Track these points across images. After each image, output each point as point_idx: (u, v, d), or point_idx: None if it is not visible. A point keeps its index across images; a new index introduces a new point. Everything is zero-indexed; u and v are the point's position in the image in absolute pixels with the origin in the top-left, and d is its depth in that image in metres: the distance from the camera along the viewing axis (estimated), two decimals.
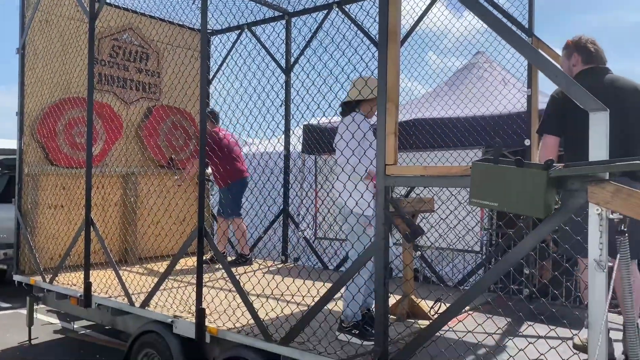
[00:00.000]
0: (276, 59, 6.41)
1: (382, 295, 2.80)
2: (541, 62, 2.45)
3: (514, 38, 2.51)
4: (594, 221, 2.17)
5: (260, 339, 3.33)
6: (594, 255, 2.16)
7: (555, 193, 2.27)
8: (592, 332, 2.17)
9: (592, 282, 2.17)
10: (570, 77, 2.43)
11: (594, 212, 2.17)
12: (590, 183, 2.16)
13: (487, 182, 2.32)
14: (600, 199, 2.13)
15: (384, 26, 2.82)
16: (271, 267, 6.00)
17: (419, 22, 5.49)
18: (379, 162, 2.84)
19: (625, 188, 2.09)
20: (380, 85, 2.84)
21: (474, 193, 2.36)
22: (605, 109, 2.18)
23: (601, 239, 2.16)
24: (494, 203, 2.31)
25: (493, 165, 2.30)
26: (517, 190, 2.23)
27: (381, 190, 2.83)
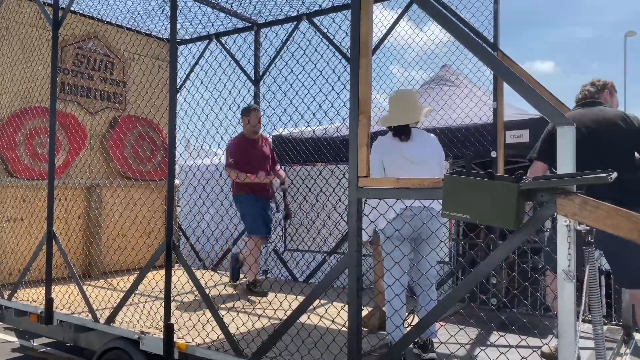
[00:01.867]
0: (245, 70, 6.38)
1: (355, 307, 2.79)
2: (509, 75, 2.50)
3: (483, 53, 2.56)
4: (563, 232, 2.22)
5: (231, 354, 3.26)
6: (562, 266, 2.21)
7: (526, 205, 2.32)
8: (562, 341, 2.20)
9: (561, 292, 2.20)
10: (535, 90, 2.48)
11: (563, 224, 2.22)
12: (559, 195, 2.21)
13: (460, 194, 2.35)
14: (569, 210, 2.18)
15: (356, 39, 2.83)
16: (241, 280, 5.91)
17: (387, 35, 5.56)
18: (352, 174, 2.84)
19: (592, 200, 2.14)
20: (353, 98, 2.85)
21: (446, 205, 2.39)
22: (571, 123, 2.24)
23: (569, 250, 2.20)
24: (466, 215, 2.34)
25: (465, 178, 2.33)
26: (489, 203, 2.26)
27: (353, 202, 2.83)
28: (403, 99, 3.66)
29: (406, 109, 3.60)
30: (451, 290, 2.66)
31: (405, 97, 3.67)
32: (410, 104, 3.63)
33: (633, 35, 26.71)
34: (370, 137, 2.89)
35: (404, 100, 3.65)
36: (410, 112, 3.60)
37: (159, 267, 3.87)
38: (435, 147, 3.71)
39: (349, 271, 2.83)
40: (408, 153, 3.53)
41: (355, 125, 2.85)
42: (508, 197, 2.21)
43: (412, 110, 3.60)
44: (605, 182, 2.08)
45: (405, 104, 3.62)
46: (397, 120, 3.61)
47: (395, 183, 2.81)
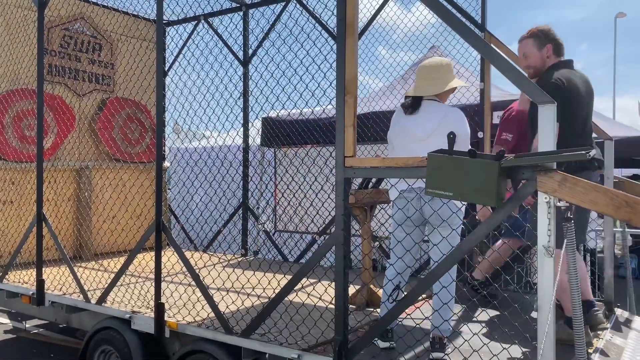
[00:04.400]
0: (234, 51, 6.35)
1: (342, 284, 2.85)
2: (493, 56, 2.54)
3: (467, 33, 2.59)
4: (543, 209, 2.27)
5: (221, 332, 3.33)
6: (542, 242, 2.27)
7: (506, 182, 2.37)
8: (541, 314, 2.27)
9: (541, 267, 2.27)
10: (521, 71, 2.52)
11: (543, 201, 2.27)
12: (539, 173, 2.27)
13: (443, 172, 2.39)
14: (549, 187, 2.24)
15: (342, 19, 2.84)
16: (231, 260, 5.97)
17: (376, 16, 5.56)
18: (338, 154, 2.88)
19: (571, 177, 2.20)
20: (339, 78, 2.87)
21: (429, 183, 2.43)
22: (553, 101, 2.28)
23: (549, 226, 2.26)
24: (448, 193, 2.38)
25: (448, 157, 2.38)
26: (471, 180, 2.31)
27: (340, 181, 2.87)
28: (425, 69, 3.39)
29: (423, 80, 3.35)
30: (435, 267, 2.72)
31: (427, 67, 3.39)
32: (431, 74, 3.34)
33: (623, 17, 26.75)
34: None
35: (426, 70, 3.38)
36: (425, 83, 3.34)
37: (149, 249, 3.91)
38: (442, 122, 3.25)
39: (335, 249, 2.88)
40: (410, 127, 3.33)
41: (341, 105, 2.88)
42: (489, 175, 2.26)
43: (429, 81, 3.33)
44: (584, 159, 2.14)
45: (426, 74, 3.36)
46: (410, 91, 3.46)
47: (381, 162, 2.86)
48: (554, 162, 2.25)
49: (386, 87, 6.42)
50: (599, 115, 9.59)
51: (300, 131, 6.18)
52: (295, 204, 6.42)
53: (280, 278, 3.32)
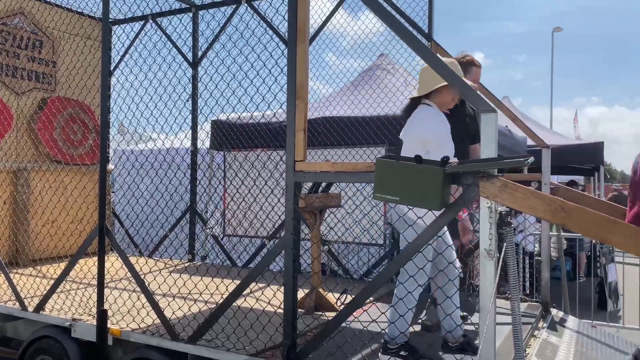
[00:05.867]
0: (183, 52, 6.25)
1: (291, 288, 2.85)
2: (439, 66, 2.62)
3: (414, 42, 2.66)
4: (485, 213, 2.36)
5: (167, 338, 3.25)
6: (484, 245, 2.36)
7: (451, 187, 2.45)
8: (483, 315, 2.36)
9: (483, 270, 2.36)
10: (465, 80, 2.62)
11: (485, 205, 2.36)
12: (481, 178, 2.36)
13: (390, 177, 2.45)
14: (490, 193, 2.33)
15: (293, 25, 2.87)
16: (178, 265, 5.85)
17: (327, 22, 5.62)
18: (288, 158, 2.89)
19: (511, 183, 2.30)
20: (290, 83, 2.89)
21: (377, 188, 2.48)
22: (495, 110, 2.38)
23: (491, 230, 2.35)
24: (395, 197, 2.44)
25: (395, 162, 2.43)
26: (416, 185, 2.38)
27: (290, 185, 2.89)
28: (421, 71, 3.33)
29: (418, 83, 3.31)
30: (381, 271, 2.78)
31: (421, 70, 3.35)
32: (421, 76, 3.28)
33: (560, 31, 28.16)
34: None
35: (420, 72, 3.33)
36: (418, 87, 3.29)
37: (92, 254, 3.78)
38: (414, 125, 3.22)
39: (285, 253, 2.89)
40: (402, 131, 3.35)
41: (292, 110, 2.90)
42: (434, 180, 2.33)
43: (419, 84, 3.28)
44: (522, 165, 2.24)
45: (419, 77, 3.31)
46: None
47: (331, 166, 2.89)
48: (495, 168, 2.35)
49: (336, 93, 6.50)
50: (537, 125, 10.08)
51: (250, 135, 6.15)
52: (244, 208, 6.37)
53: (229, 283, 3.29)
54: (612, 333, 4.38)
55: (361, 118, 5.74)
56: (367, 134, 5.58)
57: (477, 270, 3.73)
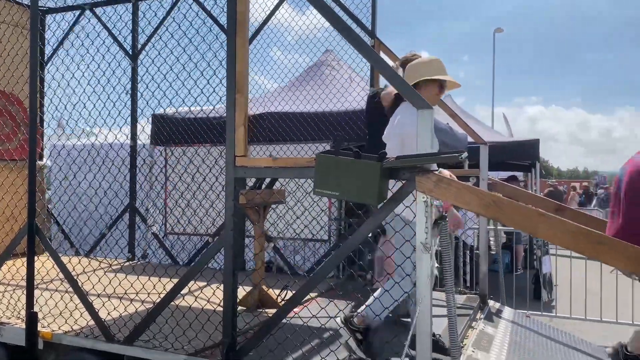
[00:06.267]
0: (122, 44, 6.03)
1: (231, 286, 2.80)
2: (378, 63, 2.64)
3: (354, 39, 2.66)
4: (421, 207, 2.40)
5: (102, 340, 3.14)
6: (420, 239, 2.39)
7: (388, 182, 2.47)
8: (419, 308, 2.40)
9: (419, 262, 2.39)
10: (405, 80, 2.64)
11: (421, 200, 2.40)
12: (418, 173, 2.39)
13: (329, 173, 2.44)
14: (426, 187, 2.37)
15: (232, 16, 2.81)
16: (116, 265, 5.65)
17: (271, 16, 5.57)
18: (228, 154, 2.84)
19: (446, 178, 2.35)
20: (229, 76, 2.83)
21: (317, 183, 2.47)
22: (430, 107, 2.42)
23: (427, 224, 2.39)
24: (335, 192, 2.44)
25: (334, 157, 2.43)
26: (355, 180, 2.38)
27: (230, 181, 2.83)
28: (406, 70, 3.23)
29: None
30: (320, 266, 2.77)
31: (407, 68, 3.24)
32: (407, 74, 3.19)
33: (501, 32, 29.17)
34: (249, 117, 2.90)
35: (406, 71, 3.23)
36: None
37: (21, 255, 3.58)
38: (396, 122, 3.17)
39: (224, 251, 2.84)
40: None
41: (232, 104, 2.84)
42: (371, 175, 2.34)
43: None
44: (456, 161, 2.29)
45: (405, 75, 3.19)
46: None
47: (272, 162, 2.86)
48: (431, 164, 2.40)
49: (281, 88, 6.45)
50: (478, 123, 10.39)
51: (192, 130, 6.01)
52: (186, 205, 6.23)
53: (167, 282, 3.19)
54: (545, 322, 4.58)
55: (306, 114, 5.73)
56: (313, 130, 5.58)
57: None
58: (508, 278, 6.52)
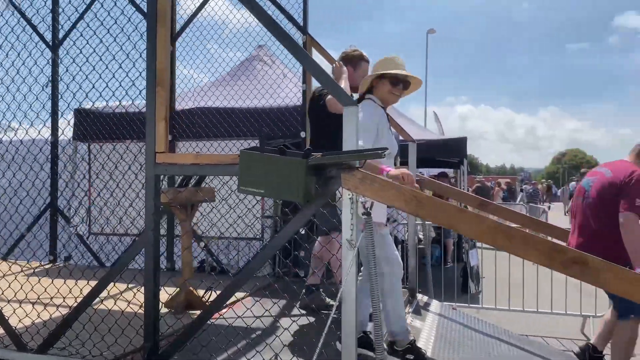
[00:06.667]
0: (40, 33, 5.66)
1: (152, 288, 2.69)
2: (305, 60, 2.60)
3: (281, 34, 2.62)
4: (347, 204, 2.39)
5: (12, 349, 2.93)
6: (346, 235, 2.39)
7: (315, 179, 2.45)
8: (346, 304, 2.39)
9: (345, 260, 2.39)
10: (330, 76, 2.62)
11: (347, 197, 2.39)
12: (343, 170, 2.38)
13: (254, 170, 2.39)
14: (351, 184, 2.36)
15: (153, 4, 2.69)
16: (37, 268, 5.32)
17: (201, 8, 5.43)
18: (148, 150, 2.72)
19: (370, 175, 2.35)
20: (149, 68, 2.71)
21: (242, 181, 2.41)
22: (355, 104, 2.41)
23: (352, 221, 2.39)
24: (259, 190, 2.39)
25: (259, 154, 2.38)
26: (280, 178, 2.34)
27: (150, 179, 2.71)
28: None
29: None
30: (247, 264, 2.72)
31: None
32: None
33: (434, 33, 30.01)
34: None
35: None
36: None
37: None
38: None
39: (145, 251, 2.72)
40: None
41: (152, 97, 2.72)
42: (297, 172, 2.31)
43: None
44: (380, 157, 2.30)
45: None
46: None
47: (194, 159, 2.76)
48: (356, 161, 2.39)
49: (211, 83, 6.30)
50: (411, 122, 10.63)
51: (118, 124, 5.75)
52: (113, 204, 5.96)
53: (84, 285, 3.02)
54: (470, 314, 4.74)
55: (237, 109, 5.63)
56: (245, 126, 5.48)
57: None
58: (438, 271, 6.71)
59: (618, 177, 3.49)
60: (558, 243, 2.10)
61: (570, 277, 2.08)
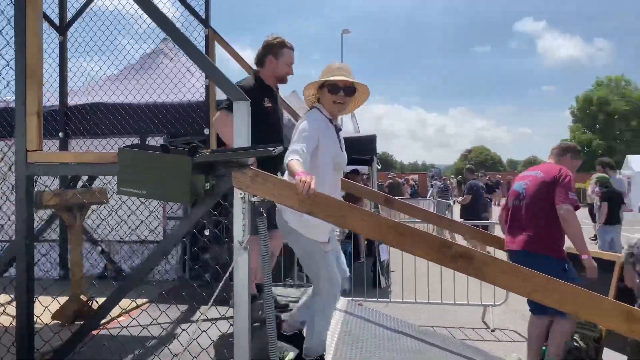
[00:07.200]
0: None
1: (25, 300, 2.43)
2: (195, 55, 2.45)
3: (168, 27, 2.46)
4: (238, 204, 2.29)
5: None
6: (237, 237, 2.28)
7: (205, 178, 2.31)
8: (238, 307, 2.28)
9: (237, 262, 2.28)
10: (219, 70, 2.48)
11: (238, 196, 2.29)
12: (234, 168, 2.27)
13: (135, 169, 2.22)
14: (242, 183, 2.26)
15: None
16: None
17: None
18: (19, 148, 2.45)
19: (263, 173, 2.26)
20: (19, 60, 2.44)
21: (121, 181, 2.23)
22: (246, 99, 2.31)
23: (244, 221, 2.28)
24: (141, 191, 2.22)
25: (140, 152, 2.21)
26: (165, 177, 2.19)
27: (21, 180, 2.45)
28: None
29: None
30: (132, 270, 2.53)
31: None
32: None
33: (348, 33, 30.51)
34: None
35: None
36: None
37: None
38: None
39: (17, 260, 2.46)
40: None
41: (22, 90, 2.46)
42: (182, 171, 2.17)
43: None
44: (270, 154, 2.21)
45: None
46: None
47: (73, 158, 2.54)
48: (247, 158, 2.29)
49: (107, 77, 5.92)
50: None
51: None
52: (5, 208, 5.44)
53: None
54: (378, 309, 4.79)
55: (138, 105, 5.32)
56: (144, 123, 5.19)
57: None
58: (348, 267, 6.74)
59: (549, 176, 3.75)
60: (446, 239, 2.11)
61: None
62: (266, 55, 3.50)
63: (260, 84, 3.49)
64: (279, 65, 3.50)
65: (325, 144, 2.73)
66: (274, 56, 3.49)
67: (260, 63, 3.54)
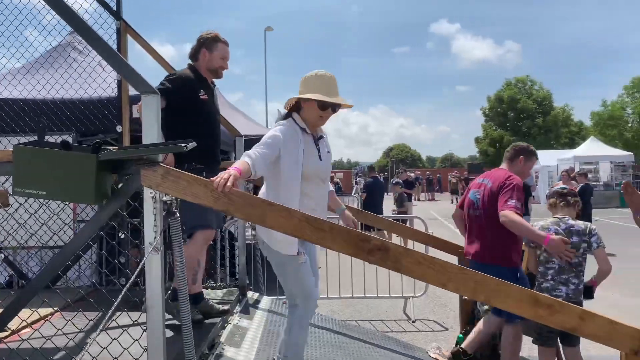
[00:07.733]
0: None
1: None
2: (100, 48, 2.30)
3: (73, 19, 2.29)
4: (149, 204, 2.17)
5: None
6: (149, 239, 2.16)
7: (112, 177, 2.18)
8: (151, 313, 2.17)
9: (149, 264, 2.16)
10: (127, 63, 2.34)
11: (148, 195, 2.17)
12: (143, 166, 2.15)
13: (33, 168, 2.05)
14: (153, 182, 2.14)
15: None
16: None
17: None
18: None
19: (174, 170, 2.16)
20: None
21: (18, 181, 2.05)
22: (156, 92, 2.20)
23: (155, 222, 2.17)
24: (41, 192, 2.05)
25: (37, 149, 2.04)
26: (66, 177, 2.04)
27: None
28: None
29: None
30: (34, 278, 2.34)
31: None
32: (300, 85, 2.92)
33: (271, 31, 30.36)
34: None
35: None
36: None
37: None
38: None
39: None
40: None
41: None
42: (86, 170, 2.03)
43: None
44: (181, 151, 2.11)
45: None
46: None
47: None
48: (158, 155, 2.18)
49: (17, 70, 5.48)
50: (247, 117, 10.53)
51: None
52: None
53: None
54: None
55: (43, 101, 4.96)
56: (50, 120, 4.84)
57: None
58: None
59: (496, 185, 3.79)
60: (365, 233, 2.13)
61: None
62: (200, 49, 3.51)
63: (196, 75, 3.48)
64: (213, 59, 3.51)
65: (289, 154, 2.70)
66: (207, 49, 3.50)
67: (194, 57, 3.55)
